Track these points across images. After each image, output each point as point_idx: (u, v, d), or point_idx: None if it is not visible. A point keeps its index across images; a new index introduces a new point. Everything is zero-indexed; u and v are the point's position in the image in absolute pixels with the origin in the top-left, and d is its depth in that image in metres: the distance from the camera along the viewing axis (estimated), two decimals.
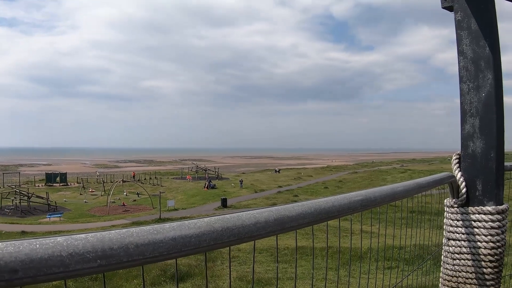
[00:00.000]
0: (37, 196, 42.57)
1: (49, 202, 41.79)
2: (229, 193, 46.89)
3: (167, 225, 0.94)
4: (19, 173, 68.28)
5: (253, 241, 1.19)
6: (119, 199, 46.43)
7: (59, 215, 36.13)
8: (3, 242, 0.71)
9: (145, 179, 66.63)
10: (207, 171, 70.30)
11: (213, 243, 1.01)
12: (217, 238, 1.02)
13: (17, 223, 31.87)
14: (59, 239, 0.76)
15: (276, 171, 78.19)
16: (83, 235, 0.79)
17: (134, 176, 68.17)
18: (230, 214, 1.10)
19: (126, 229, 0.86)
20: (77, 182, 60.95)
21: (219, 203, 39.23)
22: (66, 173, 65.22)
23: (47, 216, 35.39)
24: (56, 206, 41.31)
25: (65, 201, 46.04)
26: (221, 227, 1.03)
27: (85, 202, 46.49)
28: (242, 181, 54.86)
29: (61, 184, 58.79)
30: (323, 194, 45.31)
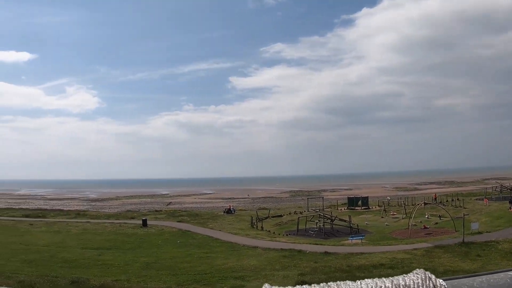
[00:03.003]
0: (340, 219, 44.04)
1: (351, 225, 42.52)
2: None
3: None
4: (323, 197, 73.93)
5: None
6: (420, 222, 43.18)
7: (361, 237, 36.00)
8: None
9: (447, 201, 60.78)
10: None
11: None
12: None
13: (321, 244, 33.11)
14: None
15: None
16: (501, 274, 0.80)
17: (435, 198, 63.70)
18: None
19: None
20: (378, 206, 60.75)
21: None
22: (367, 196, 66.23)
23: (349, 238, 35.73)
24: (358, 229, 41.47)
25: (367, 224, 46.05)
26: None
27: (387, 225, 45.26)
28: None
29: (362, 208, 59.85)
30: None
